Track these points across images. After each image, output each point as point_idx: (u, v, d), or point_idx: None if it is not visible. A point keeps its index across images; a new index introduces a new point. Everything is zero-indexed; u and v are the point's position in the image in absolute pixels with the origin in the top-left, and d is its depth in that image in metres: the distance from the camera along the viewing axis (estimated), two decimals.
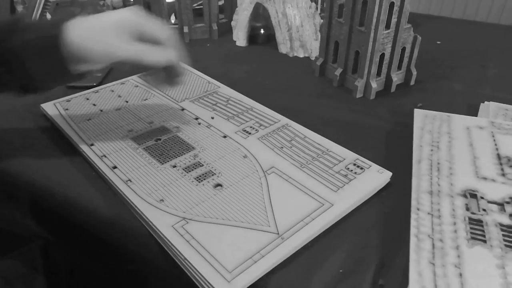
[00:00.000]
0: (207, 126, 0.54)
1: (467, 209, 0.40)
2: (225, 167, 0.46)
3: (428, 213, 0.40)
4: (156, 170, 0.45)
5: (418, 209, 0.40)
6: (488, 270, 0.34)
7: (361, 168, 0.45)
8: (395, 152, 0.51)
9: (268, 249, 0.36)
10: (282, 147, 0.49)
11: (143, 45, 0.43)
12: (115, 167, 0.46)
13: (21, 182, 0.47)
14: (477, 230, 0.37)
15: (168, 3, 0.84)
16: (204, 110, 0.57)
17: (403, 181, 0.44)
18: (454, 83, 0.68)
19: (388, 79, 0.65)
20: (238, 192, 0.42)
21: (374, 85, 0.63)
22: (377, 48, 0.60)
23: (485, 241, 0.36)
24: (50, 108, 0.57)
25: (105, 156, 0.47)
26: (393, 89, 0.66)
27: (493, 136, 0.50)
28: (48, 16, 0.89)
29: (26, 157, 0.49)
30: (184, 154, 0.48)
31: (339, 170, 0.45)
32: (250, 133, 0.52)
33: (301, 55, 0.80)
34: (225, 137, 0.51)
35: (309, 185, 0.43)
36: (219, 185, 0.43)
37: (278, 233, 0.37)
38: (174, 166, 0.46)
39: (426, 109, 0.56)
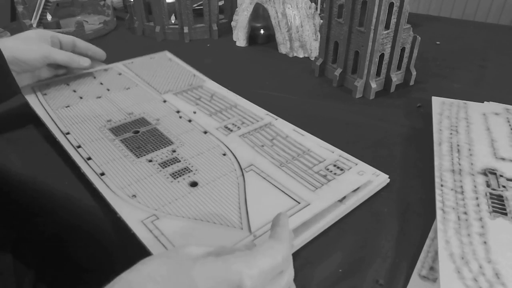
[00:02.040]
0: (188, 120, 0.53)
1: (488, 185, 0.42)
2: (202, 164, 0.46)
3: (452, 189, 0.42)
4: (132, 164, 0.45)
5: (442, 185, 0.43)
6: (510, 238, 0.37)
7: (341, 169, 0.45)
8: (395, 152, 0.51)
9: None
10: (263, 146, 0.49)
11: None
12: (89, 159, 0.45)
13: (22, 181, 0.47)
14: (498, 204, 0.40)
15: (168, 3, 0.85)
16: (186, 104, 0.57)
17: (402, 181, 0.44)
18: (454, 83, 0.68)
19: (388, 79, 0.66)
20: (214, 191, 0.42)
21: (373, 85, 0.63)
22: (376, 48, 0.61)
23: (506, 214, 0.39)
24: (28, 91, 0.57)
25: (80, 147, 0.47)
26: (392, 89, 0.66)
27: (508, 122, 0.53)
28: (49, 16, 0.89)
29: (28, 157, 0.50)
30: (162, 148, 0.48)
31: (318, 170, 0.45)
32: (231, 130, 0.52)
33: (301, 55, 0.81)
34: (205, 133, 0.51)
35: (288, 184, 0.43)
36: (194, 183, 0.43)
37: (250, 232, 0.37)
38: (150, 161, 0.46)
39: (425, 109, 0.57)
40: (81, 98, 0.56)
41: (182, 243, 0.35)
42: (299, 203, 0.40)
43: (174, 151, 0.47)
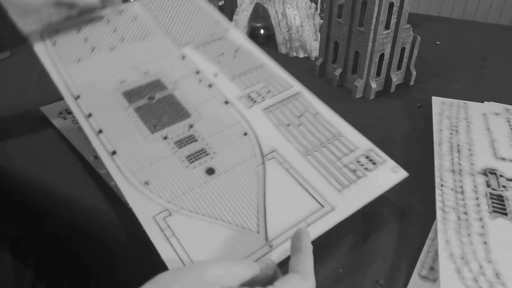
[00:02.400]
0: (208, 85, 0.48)
1: (488, 185, 0.43)
2: (221, 145, 0.42)
3: (452, 189, 0.43)
4: (146, 141, 0.42)
5: (442, 185, 0.44)
6: (510, 238, 0.37)
7: (374, 163, 0.41)
8: (395, 152, 0.47)
9: (252, 258, 0.34)
10: (289, 125, 0.45)
11: None
12: (100, 131, 0.42)
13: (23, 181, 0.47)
14: (498, 204, 0.40)
15: None
16: (207, 62, 0.51)
17: (402, 181, 0.41)
18: (454, 83, 0.68)
19: (388, 79, 0.66)
20: (231, 182, 0.39)
21: (373, 85, 0.64)
22: (376, 48, 0.60)
23: (506, 214, 0.39)
24: (36, 38, 0.52)
25: (91, 115, 0.44)
26: (392, 89, 0.67)
27: (508, 122, 0.53)
28: None
29: (28, 157, 0.49)
30: (178, 122, 0.44)
31: (348, 162, 0.41)
32: (255, 101, 0.47)
33: (301, 55, 0.81)
34: (226, 103, 0.46)
35: (312, 179, 0.39)
36: (211, 170, 0.40)
37: (267, 240, 0.35)
38: (165, 138, 0.42)
39: (425, 109, 0.57)
40: (93, 49, 0.51)
41: (193, 250, 0.33)
42: (322, 206, 0.37)
43: (191, 126, 0.44)
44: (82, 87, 0.46)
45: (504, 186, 0.42)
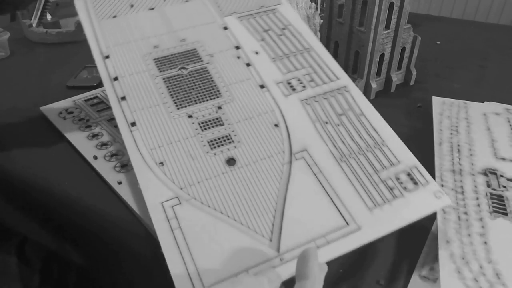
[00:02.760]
0: (246, 64, 0.44)
1: (488, 185, 0.43)
2: (248, 134, 0.38)
3: (452, 189, 0.43)
4: (169, 117, 0.39)
5: (442, 185, 0.43)
6: (510, 238, 0.37)
7: (415, 183, 0.36)
8: None
9: (259, 269, 0.31)
10: (327, 122, 0.40)
11: None
12: (123, 98, 0.40)
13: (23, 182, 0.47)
14: (498, 204, 0.40)
15: None
16: (250, 37, 0.47)
17: None
18: (454, 83, 0.68)
19: (388, 79, 0.66)
20: (251, 178, 0.35)
21: (374, 85, 0.63)
22: (377, 48, 0.61)
23: (506, 214, 0.39)
24: None
25: (117, 79, 0.41)
26: (392, 89, 0.66)
27: (508, 121, 0.53)
28: (49, 16, 0.86)
29: (28, 158, 0.49)
30: (207, 101, 0.41)
31: (386, 177, 0.37)
32: (294, 89, 0.42)
33: None
34: (262, 87, 0.42)
35: (341, 190, 0.35)
36: (232, 160, 0.37)
37: (278, 251, 0.32)
38: (190, 116, 0.39)
39: (426, 109, 0.57)
40: (132, 6, 0.48)
41: (197, 249, 0.31)
42: (347, 224, 0.33)
43: (220, 107, 0.40)
44: (113, 48, 0.44)
45: (504, 186, 0.42)
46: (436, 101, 0.59)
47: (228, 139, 0.38)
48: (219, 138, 0.38)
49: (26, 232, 0.51)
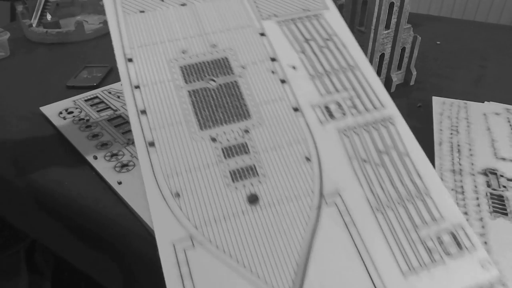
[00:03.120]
0: (281, 81, 0.40)
1: (488, 185, 0.43)
2: (275, 167, 0.35)
3: (452, 189, 0.43)
4: (191, 138, 0.36)
5: None
6: (510, 238, 0.37)
7: (459, 247, 0.32)
8: None
9: None
10: (366, 161, 0.36)
11: None
12: (143, 112, 0.36)
13: (23, 182, 0.46)
14: (498, 205, 0.40)
15: None
16: (289, 47, 0.42)
17: None
18: (454, 83, 0.68)
19: (388, 79, 0.66)
20: (274, 222, 0.32)
21: None
22: (377, 48, 0.61)
23: (506, 214, 0.39)
24: None
25: (138, 88, 0.38)
26: (392, 89, 0.67)
27: (509, 121, 0.54)
28: (49, 16, 0.85)
29: (28, 158, 0.49)
30: (234, 122, 0.37)
31: (426, 236, 0.32)
32: (333, 116, 0.38)
33: None
34: (296, 110, 0.38)
35: (374, 249, 0.31)
36: (254, 197, 0.33)
37: None
38: (214, 140, 0.36)
39: (426, 109, 0.57)
40: (162, 0, 0.44)
41: None
42: None
43: (247, 131, 0.36)
44: (138, 50, 0.40)
45: (504, 186, 0.42)
46: (436, 101, 0.59)
47: (252, 171, 0.34)
48: (242, 169, 0.35)
49: (28, 232, 0.51)
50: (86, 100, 0.56)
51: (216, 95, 0.38)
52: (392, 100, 0.40)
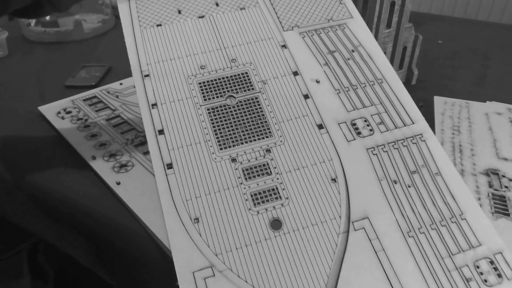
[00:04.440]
0: (304, 95, 0.39)
1: (490, 186, 0.43)
2: (299, 189, 0.34)
3: None
4: (210, 159, 0.35)
5: None
6: None
7: (499, 275, 0.31)
8: None
9: None
10: (396, 182, 0.35)
11: None
12: (161, 132, 0.36)
13: (22, 182, 0.47)
14: (500, 205, 0.40)
15: None
16: (313, 59, 0.41)
17: None
18: (456, 83, 0.69)
19: None
20: (299, 249, 0.31)
21: None
22: None
23: (508, 215, 0.39)
24: None
25: (156, 106, 0.38)
26: None
27: (511, 121, 0.54)
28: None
29: (26, 158, 0.49)
30: (254, 141, 0.36)
31: (462, 264, 0.31)
32: (360, 133, 0.37)
33: None
34: (321, 127, 0.37)
35: (406, 278, 0.30)
36: (278, 222, 0.32)
37: None
38: (234, 160, 0.35)
39: (427, 109, 0.57)
40: (179, 12, 0.44)
41: None
42: None
43: (268, 150, 0.36)
44: (155, 65, 0.40)
45: (506, 187, 0.43)
46: (438, 100, 0.60)
47: (275, 194, 0.34)
48: (264, 192, 0.34)
49: (28, 230, 0.52)
50: (84, 100, 0.57)
51: (236, 113, 0.38)
52: (421, 114, 0.38)
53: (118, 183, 0.41)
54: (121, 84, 0.60)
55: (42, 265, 0.55)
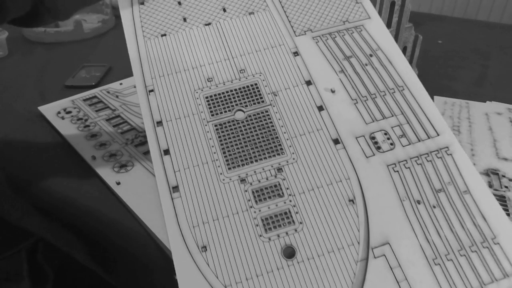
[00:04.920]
0: (318, 107, 0.37)
1: (490, 186, 0.43)
2: (313, 212, 0.32)
3: None
4: (218, 180, 0.33)
5: None
6: None
7: None
8: None
9: None
10: (420, 202, 0.32)
11: None
12: (167, 153, 0.35)
13: (22, 182, 0.47)
14: (500, 205, 0.38)
15: None
16: (326, 66, 0.39)
17: None
18: (456, 83, 0.69)
19: None
20: (314, 279, 0.29)
21: None
22: None
23: (508, 215, 0.39)
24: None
25: (161, 125, 0.36)
26: None
27: (511, 121, 0.55)
28: None
29: (26, 158, 0.49)
30: (265, 159, 0.34)
31: None
32: (379, 148, 0.34)
33: None
34: (336, 142, 0.35)
35: None
36: (291, 251, 0.30)
37: None
38: (243, 180, 0.33)
39: None
40: (184, 20, 0.42)
41: None
42: None
43: (280, 169, 0.34)
44: (159, 79, 0.38)
45: (506, 187, 0.43)
46: (438, 100, 0.60)
47: (287, 218, 0.32)
48: (276, 216, 0.32)
49: (29, 231, 0.52)
50: (84, 100, 0.57)
51: (245, 128, 0.36)
52: (447, 125, 0.35)
53: (118, 183, 0.41)
54: (121, 84, 0.60)
55: (41, 265, 0.55)
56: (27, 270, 0.54)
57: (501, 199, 0.41)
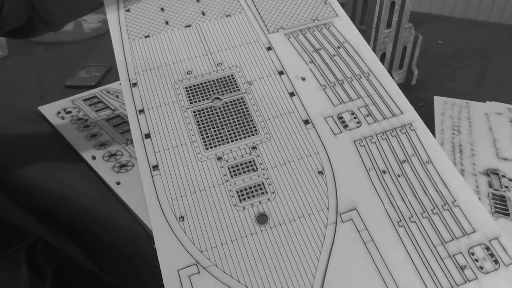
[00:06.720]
0: (290, 93, 0.40)
1: (490, 186, 0.44)
2: (285, 183, 0.34)
3: None
4: (196, 159, 0.36)
5: None
6: None
7: (495, 261, 0.30)
8: None
9: None
10: (385, 172, 0.34)
11: None
12: (148, 136, 0.37)
13: (21, 182, 0.48)
14: (500, 205, 0.41)
15: None
16: (298, 58, 0.42)
17: None
18: (455, 83, 0.70)
19: None
20: (285, 242, 0.31)
21: None
22: (378, 47, 0.62)
23: (508, 215, 0.40)
24: (111, 2, 0.48)
25: (143, 112, 0.39)
26: None
27: (511, 121, 0.55)
28: None
29: (26, 158, 0.50)
30: (240, 139, 0.37)
31: (456, 251, 0.30)
32: (347, 126, 0.37)
33: None
34: (307, 123, 0.37)
35: (397, 269, 0.30)
36: (264, 217, 0.32)
37: None
38: (220, 158, 0.36)
39: (427, 109, 0.58)
40: (167, 23, 0.46)
41: None
42: None
43: (254, 148, 0.36)
44: (142, 74, 0.41)
45: (506, 187, 0.43)
46: (438, 100, 0.60)
47: (261, 189, 0.34)
48: (250, 188, 0.34)
49: (29, 230, 0.53)
50: (84, 100, 0.58)
51: (222, 113, 0.38)
52: (410, 105, 0.38)
53: (118, 183, 0.42)
54: (121, 84, 0.63)
55: (40, 264, 0.55)
56: (26, 269, 0.55)
57: (501, 199, 0.42)
